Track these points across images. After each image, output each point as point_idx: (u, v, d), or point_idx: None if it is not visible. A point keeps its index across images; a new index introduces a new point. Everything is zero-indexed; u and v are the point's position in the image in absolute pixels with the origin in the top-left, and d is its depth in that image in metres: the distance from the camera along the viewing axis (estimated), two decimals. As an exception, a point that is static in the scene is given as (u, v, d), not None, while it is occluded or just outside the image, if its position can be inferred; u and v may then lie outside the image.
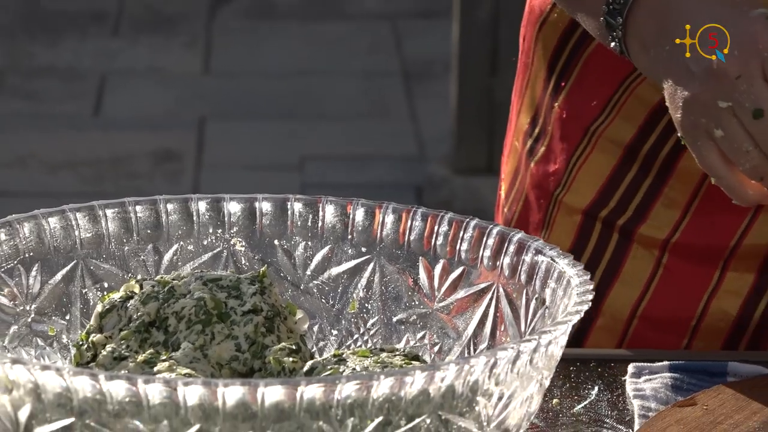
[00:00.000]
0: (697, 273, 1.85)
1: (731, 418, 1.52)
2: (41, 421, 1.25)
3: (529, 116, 1.99)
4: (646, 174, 1.87)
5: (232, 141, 5.74)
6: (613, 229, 1.88)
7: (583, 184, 1.88)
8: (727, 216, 1.84)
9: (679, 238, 1.84)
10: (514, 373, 1.30)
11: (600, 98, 1.90)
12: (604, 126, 1.89)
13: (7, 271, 1.47)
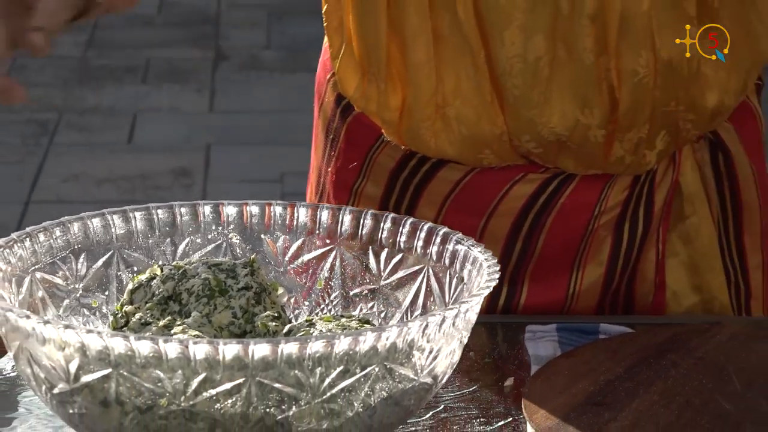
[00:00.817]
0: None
1: (603, 365, 1.53)
2: (86, 372, 1.25)
3: (314, 177, 1.95)
4: None
5: (231, 162, 5.73)
6: None
7: None
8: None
9: None
10: (440, 334, 1.31)
11: (356, 164, 1.84)
12: (362, 186, 1.84)
13: (61, 258, 1.48)
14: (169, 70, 6.85)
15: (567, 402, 1.46)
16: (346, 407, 1.28)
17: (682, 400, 1.47)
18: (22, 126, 6.08)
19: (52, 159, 5.76)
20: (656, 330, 1.64)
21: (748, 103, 1.87)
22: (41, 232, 1.48)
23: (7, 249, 1.42)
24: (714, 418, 1.43)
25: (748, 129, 1.87)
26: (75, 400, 1.29)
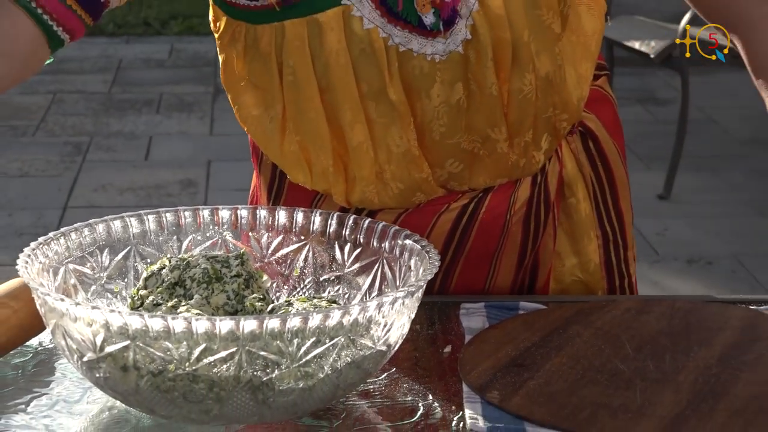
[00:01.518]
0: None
1: (522, 335, 1.53)
2: (109, 343, 1.25)
3: None
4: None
5: (227, 175, 5.71)
6: None
7: None
8: None
9: None
10: (393, 311, 1.31)
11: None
12: None
13: (89, 252, 1.47)
14: (178, 103, 6.83)
15: (494, 364, 1.46)
16: (317, 370, 1.28)
17: (585, 362, 1.47)
18: (60, 147, 6.05)
19: (85, 173, 5.72)
20: (564, 306, 1.64)
21: (602, 91, 1.87)
22: (73, 232, 1.47)
23: (45, 245, 1.42)
24: (611, 376, 1.43)
25: (607, 113, 1.87)
26: (100, 366, 1.28)
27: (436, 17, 1.61)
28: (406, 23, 1.61)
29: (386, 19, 1.61)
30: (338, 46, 1.61)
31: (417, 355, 1.51)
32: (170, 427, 1.32)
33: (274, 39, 1.63)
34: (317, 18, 1.60)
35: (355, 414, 1.37)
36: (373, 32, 1.61)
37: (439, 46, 1.63)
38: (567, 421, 1.33)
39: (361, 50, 1.61)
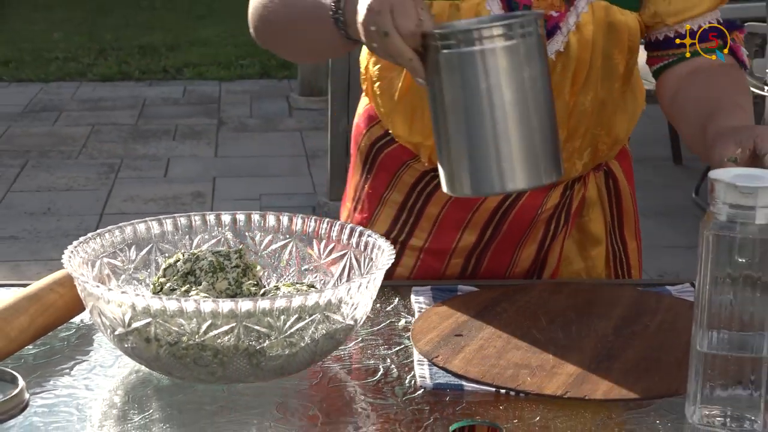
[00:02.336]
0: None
1: (459, 311, 1.52)
2: (135, 320, 1.23)
3: (351, 193, 1.86)
4: (409, 218, 1.77)
5: (228, 188, 5.70)
6: (393, 241, 1.69)
7: (380, 224, 1.78)
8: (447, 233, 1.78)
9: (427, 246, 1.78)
10: (359, 293, 1.30)
11: (386, 181, 1.78)
12: (389, 195, 1.78)
13: (119, 249, 1.45)
14: (189, 132, 6.81)
15: (438, 334, 1.45)
16: (299, 340, 1.27)
17: (509, 331, 1.46)
18: (98, 167, 6.03)
19: (117, 187, 5.70)
20: (493, 288, 1.63)
21: (624, 148, 1.84)
22: (107, 233, 1.46)
23: (85, 243, 1.40)
24: (530, 343, 1.43)
25: (626, 165, 1.84)
26: (128, 338, 1.27)
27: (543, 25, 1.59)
28: None
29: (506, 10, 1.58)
30: None
31: (378, 327, 1.50)
32: (183, 386, 1.30)
33: None
34: (458, 4, 1.57)
35: (330, 374, 1.35)
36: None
37: None
38: (496, 379, 1.33)
39: None
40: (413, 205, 1.77)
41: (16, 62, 8.50)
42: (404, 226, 1.78)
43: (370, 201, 1.81)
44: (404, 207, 1.78)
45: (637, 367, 1.37)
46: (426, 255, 1.79)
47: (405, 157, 1.76)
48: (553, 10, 1.59)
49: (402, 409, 1.27)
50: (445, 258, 1.79)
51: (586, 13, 1.60)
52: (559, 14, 1.59)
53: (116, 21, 10.08)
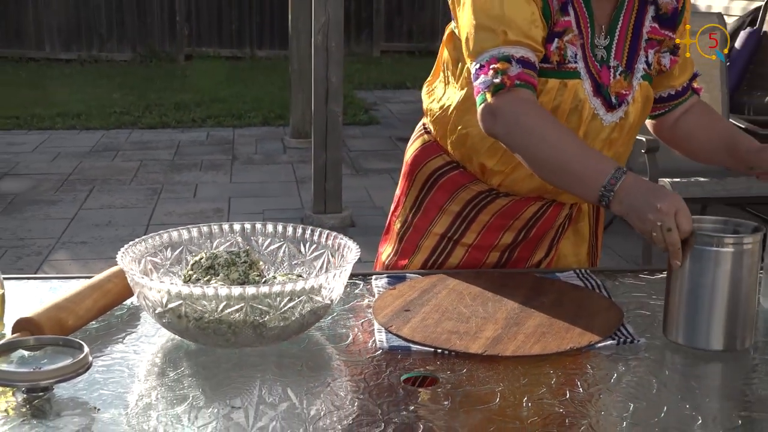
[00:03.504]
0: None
1: (407, 293, 1.50)
2: (170, 302, 1.21)
3: (410, 204, 1.80)
4: (463, 223, 1.74)
5: (240, 206, 5.66)
6: (449, 240, 1.74)
7: (439, 227, 1.74)
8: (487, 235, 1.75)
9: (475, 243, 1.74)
10: (334, 281, 1.29)
11: (446, 197, 1.74)
12: (448, 206, 1.74)
13: (159, 250, 1.43)
14: (211, 164, 6.77)
15: (392, 310, 1.43)
16: (291, 315, 1.25)
17: (443, 307, 1.45)
18: (145, 191, 5.98)
19: (159, 206, 5.66)
20: (431, 275, 1.62)
21: None
22: (150, 238, 1.43)
23: (133, 246, 1.38)
24: (459, 315, 1.41)
25: None
26: (165, 315, 1.24)
27: (616, 100, 1.59)
28: (604, 98, 1.59)
29: (594, 93, 1.57)
30: (568, 99, 1.56)
31: (347, 305, 1.48)
32: (206, 350, 1.28)
33: (539, 87, 1.54)
34: (565, 81, 1.55)
35: (313, 340, 1.34)
36: (586, 99, 1.57)
37: (609, 117, 1.60)
38: (434, 342, 1.31)
39: (575, 105, 1.57)
40: (468, 214, 1.74)
41: (86, 115, 8.45)
42: (458, 229, 1.74)
43: (430, 210, 1.76)
44: (460, 215, 1.74)
45: (536, 331, 1.36)
46: (473, 250, 1.75)
47: (464, 180, 1.72)
48: (623, 89, 1.60)
49: (366, 365, 1.26)
50: (487, 252, 1.76)
51: (638, 90, 1.63)
52: (627, 92, 1.61)
53: (158, 85, 10.04)
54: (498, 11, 1.49)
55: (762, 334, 1.40)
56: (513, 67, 1.47)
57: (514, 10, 1.49)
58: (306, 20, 6.62)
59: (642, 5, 1.62)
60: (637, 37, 1.62)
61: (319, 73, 5.07)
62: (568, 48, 1.54)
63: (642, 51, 1.62)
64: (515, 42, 1.48)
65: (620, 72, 1.60)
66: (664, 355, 1.33)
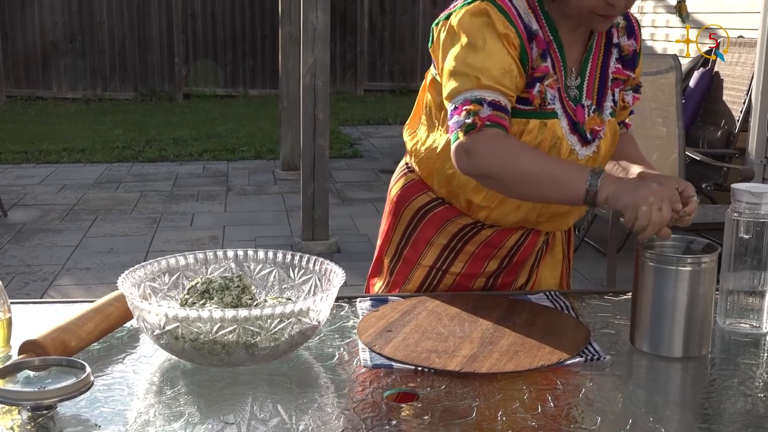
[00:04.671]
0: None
1: (389, 314, 1.49)
2: (168, 324, 1.20)
3: (389, 246, 1.80)
4: (450, 254, 1.73)
5: (233, 234, 5.63)
6: (437, 270, 1.73)
7: (428, 259, 1.74)
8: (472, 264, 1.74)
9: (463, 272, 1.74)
10: (321, 303, 1.27)
11: (433, 231, 1.73)
12: (435, 240, 1.73)
13: (157, 275, 1.41)
14: (207, 195, 6.74)
15: (375, 330, 1.42)
16: (281, 336, 1.24)
17: (423, 328, 1.44)
18: (145, 220, 5.95)
19: (158, 234, 5.63)
20: (412, 298, 1.61)
21: None
22: (148, 265, 1.42)
23: (133, 272, 1.37)
24: (437, 335, 1.40)
25: None
26: (163, 337, 1.23)
27: (590, 135, 1.60)
28: (580, 135, 1.59)
29: (570, 130, 1.58)
30: (548, 137, 1.56)
31: (334, 326, 1.47)
32: (201, 369, 1.27)
33: (520, 127, 1.55)
34: (545, 122, 1.56)
35: (301, 359, 1.32)
36: (563, 137, 1.58)
37: (584, 151, 1.61)
38: (414, 360, 1.30)
39: (554, 143, 1.57)
40: (455, 246, 1.73)
41: (90, 150, 8.42)
42: (446, 260, 1.74)
43: (418, 244, 1.75)
44: (447, 247, 1.73)
45: (510, 350, 1.35)
46: (461, 278, 1.75)
47: (450, 215, 1.71)
48: (597, 126, 1.62)
49: (352, 382, 1.25)
50: (473, 279, 1.76)
51: (607, 127, 1.64)
52: (599, 128, 1.62)
53: (158, 122, 10.02)
54: (473, 60, 1.50)
55: (719, 350, 1.41)
56: (484, 108, 1.47)
57: (490, 59, 1.50)
58: (295, 62, 6.64)
59: (607, 48, 1.64)
60: (605, 78, 1.64)
61: (307, 110, 5.07)
62: (548, 91, 1.55)
63: (609, 90, 1.64)
64: (487, 86, 1.49)
65: (593, 110, 1.62)
66: (629, 371, 1.33)
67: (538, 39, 1.54)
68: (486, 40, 1.50)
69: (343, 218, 5.95)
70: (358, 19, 12.17)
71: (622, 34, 1.65)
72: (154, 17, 11.70)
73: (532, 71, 1.54)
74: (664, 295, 1.34)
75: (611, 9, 1.50)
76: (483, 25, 1.50)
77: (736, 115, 4.83)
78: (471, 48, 1.50)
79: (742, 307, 1.47)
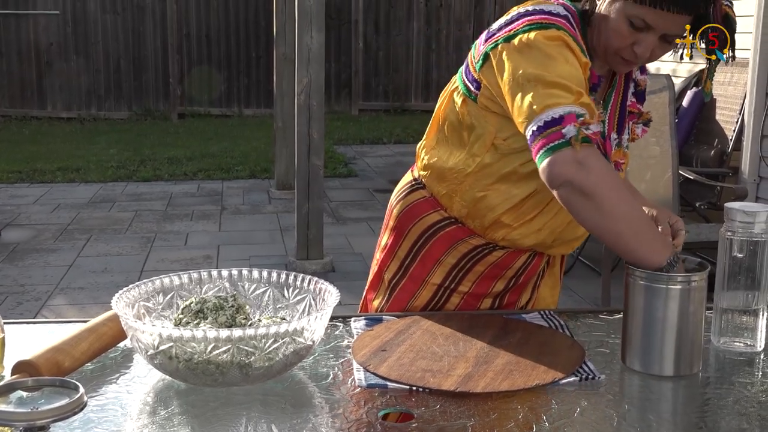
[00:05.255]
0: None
1: (384, 334, 1.49)
2: (162, 344, 1.19)
3: (402, 254, 1.77)
4: (459, 273, 1.72)
5: (227, 253, 5.62)
6: (445, 289, 1.73)
7: (436, 277, 1.73)
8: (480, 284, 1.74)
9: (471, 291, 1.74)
10: (316, 323, 1.27)
11: (443, 249, 1.72)
12: (444, 258, 1.72)
13: (151, 295, 1.41)
14: (202, 215, 6.73)
15: (369, 350, 1.42)
16: (275, 356, 1.24)
17: (417, 347, 1.44)
18: (139, 239, 5.94)
19: (152, 253, 5.61)
20: (406, 317, 1.61)
21: None
22: (143, 284, 1.41)
23: (127, 292, 1.37)
24: (432, 354, 1.40)
25: None
26: (157, 357, 1.23)
27: (614, 168, 1.60)
28: None
29: None
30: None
31: (329, 346, 1.47)
32: (195, 389, 1.26)
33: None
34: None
35: (296, 379, 1.32)
36: None
37: None
38: (409, 380, 1.30)
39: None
40: (464, 266, 1.72)
41: (84, 169, 8.42)
42: (455, 279, 1.73)
43: (426, 262, 1.73)
44: (456, 266, 1.72)
45: (504, 369, 1.35)
46: (468, 297, 1.74)
47: (462, 235, 1.70)
48: (620, 158, 1.63)
49: (346, 402, 1.25)
50: (480, 299, 1.75)
51: (626, 159, 1.67)
52: (622, 160, 1.63)
53: (153, 141, 10.02)
54: (568, 72, 1.43)
55: (713, 369, 1.41)
56: (594, 125, 1.41)
57: (578, 73, 1.46)
58: (290, 82, 6.66)
59: (626, 82, 1.66)
60: (623, 111, 1.65)
61: (302, 129, 5.08)
62: None
63: (626, 123, 1.66)
64: (586, 104, 1.42)
65: (616, 143, 1.62)
66: (623, 390, 1.33)
67: (592, 72, 1.54)
68: (567, 58, 1.44)
69: (337, 237, 5.95)
70: (352, 39, 12.22)
71: (637, 68, 1.67)
72: (149, 37, 11.73)
73: None
74: (655, 313, 1.35)
75: (634, 56, 1.50)
76: (562, 47, 1.45)
77: (729, 135, 4.85)
78: (557, 60, 1.43)
79: (737, 326, 1.47)
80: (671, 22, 1.44)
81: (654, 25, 1.46)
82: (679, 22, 1.44)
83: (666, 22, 1.44)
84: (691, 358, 1.36)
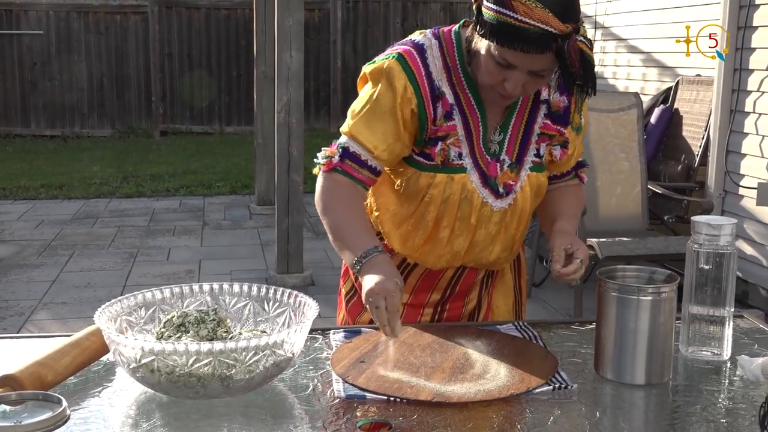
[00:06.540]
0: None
1: (362, 345, 1.49)
2: (144, 357, 1.19)
3: (348, 285, 1.84)
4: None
5: (209, 267, 5.59)
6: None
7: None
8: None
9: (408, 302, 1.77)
10: (295, 336, 1.27)
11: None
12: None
13: (133, 310, 1.40)
14: (184, 230, 6.70)
15: (348, 362, 1.42)
16: (255, 368, 1.23)
17: (395, 359, 1.44)
18: (122, 255, 5.89)
19: (135, 268, 5.57)
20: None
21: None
22: (125, 299, 1.41)
23: (110, 306, 1.36)
24: (409, 366, 1.40)
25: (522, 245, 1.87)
26: (139, 370, 1.22)
27: (503, 189, 1.64)
28: (492, 189, 1.63)
29: (482, 184, 1.62)
30: (457, 191, 1.61)
31: (308, 358, 1.46)
32: (177, 401, 1.25)
33: (428, 180, 1.62)
34: (452, 176, 1.61)
35: (276, 390, 1.32)
36: (474, 190, 1.62)
37: (498, 203, 1.64)
38: (387, 390, 1.30)
39: (465, 196, 1.62)
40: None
41: (68, 186, 8.36)
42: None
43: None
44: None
45: (480, 379, 1.36)
46: (408, 307, 1.77)
47: (389, 251, 1.76)
48: (511, 180, 1.65)
49: (326, 413, 1.24)
50: (420, 309, 1.78)
51: (525, 180, 1.66)
52: (514, 182, 1.65)
53: (135, 158, 9.97)
54: (360, 108, 1.61)
55: (682, 377, 1.42)
56: (339, 155, 1.60)
57: (375, 119, 1.59)
58: (270, 100, 6.66)
59: (535, 105, 1.66)
60: (528, 134, 1.66)
61: (282, 146, 5.08)
62: (452, 149, 1.60)
63: (533, 145, 1.66)
64: (357, 140, 1.60)
65: (508, 165, 1.64)
66: (595, 399, 1.33)
67: (443, 100, 1.58)
68: (378, 97, 1.59)
69: (317, 252, 5.94)
70: (331, 58, 12.23)
71: (554, 90, 1.65)
72: (132, 56, 11.68)
73: (435, 129, 1.59)
74: (626, 324, 1.36)
75: (506, 92, 1.53)
76: (385, 80, 1.58)
77: (695, 150, 4.90)
78: (365, 100, 1.62)
79: (704, 336, 1.49)
80: (531, 61, 1.46)
81: (516, 64, 1.47)
82: (539, 60, 1.45)
83: (526, 61, 1.46)
84: (661, 366, 1.38)
